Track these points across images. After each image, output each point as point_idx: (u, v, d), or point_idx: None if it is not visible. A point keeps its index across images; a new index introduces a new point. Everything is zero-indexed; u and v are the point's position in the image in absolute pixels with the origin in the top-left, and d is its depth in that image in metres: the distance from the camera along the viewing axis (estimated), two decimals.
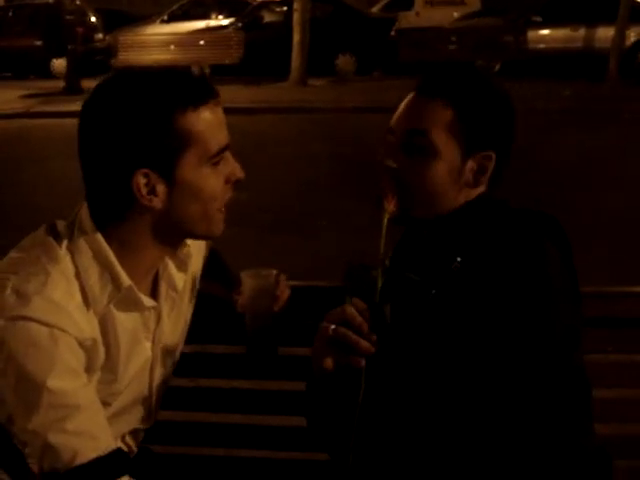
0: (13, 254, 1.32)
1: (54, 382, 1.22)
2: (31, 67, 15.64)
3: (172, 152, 1.26)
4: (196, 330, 1.60)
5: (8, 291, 1.23)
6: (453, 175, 1.39)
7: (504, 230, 1.36)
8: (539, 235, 1.35)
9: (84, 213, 1.32)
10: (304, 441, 1.65)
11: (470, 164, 1.40)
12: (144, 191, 1.26)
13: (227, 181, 1.33)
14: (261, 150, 8.14)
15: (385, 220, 1.30)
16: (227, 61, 14.38)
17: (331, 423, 1.36)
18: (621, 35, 13.20)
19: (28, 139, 10.16)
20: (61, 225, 1.34)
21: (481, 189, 1.44)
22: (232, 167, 1.33)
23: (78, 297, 1.28)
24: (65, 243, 1.30)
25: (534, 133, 9.10)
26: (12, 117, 11.72)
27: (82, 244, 1.30)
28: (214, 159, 1.29)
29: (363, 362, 1.23)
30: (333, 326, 1.25)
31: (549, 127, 9.38)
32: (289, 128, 10.23)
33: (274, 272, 1.57)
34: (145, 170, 1.25)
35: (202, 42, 14.75)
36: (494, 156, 1.41)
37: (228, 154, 1.33)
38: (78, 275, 1.29)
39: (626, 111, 10.31)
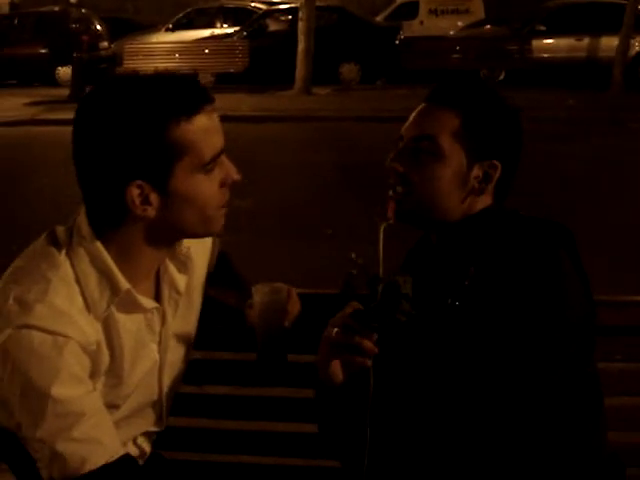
0: (16, 263, 1.33)
1: (59, 390, 1.22)
2: (36, 75, 15.67)
3: (166, 163, 1.25)
4: (205, 337, 1.59)
5: (10, 301, 1.24)
6: (458, 180, 1.42)
7: (518, 239, 1.38)
8: (554, 245, 1.35)
9: (82, 219, 1.33)
10: (313, 448, 1.65)
11: (476, 171, 1.42)
12: (138, 202, 1.26)
13: (222, 184, 1.32)
14: (265, 158, 8.16)
15: (382, 229, 1.30)
16: (232, 70, 14.43)
17: (341, 430, 1.36)
18: (625, 44, 13.23)
19: (33, 146, 10.17)
20: (60, 231, 1.34)
21: (487, 199, 1.45)
22: (227, 170, 1.32)
23: (80, 302, 1.28)
24: (64, 249, 1.31)
25: (538, 142, 9.09)
26: (17, 124, 11.74)
27: (80, 250, 1.30)
28: (208, 166, 1.29)
29: (369, 362, 1.24)
30: (336, 329, 1.26)
31: (553, 136, 9.37)
32: (293, 136, 10.25)
33: (285, 287, 1.55)
34: (139, 182, 1.25)
35: (207, 51, 14.81)
36: (499, 166, 1.43)
37: (223, 157, 1.32)
38: (78, 280, 1.29)
39: (630, 120, 10.32)
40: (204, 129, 1.27)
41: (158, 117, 1.23)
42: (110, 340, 1.33)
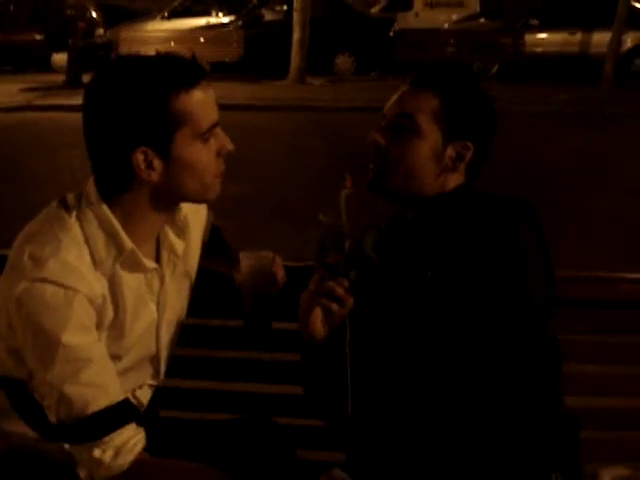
0: (29, 226, 1.47)
1: (68, 338, 1.35)
2: (31, 61, 15.71)
3: (167, 131, 1.39)
4: (197, 304, 1.72)
5: (25, 257, 1.38)
6: (433, 157, 1.55)
7: (484, 216, 1.52)
8: (516, 221, 1.50)
9: (91, 186, 1.47)
10: (299, 408, 1.80)
11: (450, 150, 1.55)
12: (143, 166, 1.40)
13: (218, 154, 1.46)
14: (259, 147, 8.26)
15: (342, 195, 1.44)
16: (227, 59, 14.51)
17: (325, 389, 1.50)
18: (617, 40, 13.34)
19: (29, 132, 10.24)
20: (70, 197, 1.49)
21: (459, 178, 1.58)
22: (222, 141, 1.46)
23: (88, 259, 1.42)
24: (74, 213, 1.45)
25: (529, 135, 9.25)
26: (13, 110, 11.79)
27: (89, 213, 1.44)
28: (205, 135, 1.42)
29: (343, 309, 1.40)
30: (313, 286, 1.42)
31: (544, 130, 9.52)
32: (287, 126, 10.35)
33: (271, 254, 1.69)
34: (143, 148, 1.39)
35: (202, 39, 14.88)
36: (472, 147, 1.56)
37: (218, 129, 1.46)
38: (87, 241, 1.43)
39: (620, 115, 10.45)
40: (201, 101, 1.41)
41: (160, 89, 1.38)
42: (114, 296, 1.46)
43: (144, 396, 1.63)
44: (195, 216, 1.63)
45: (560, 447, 1.49)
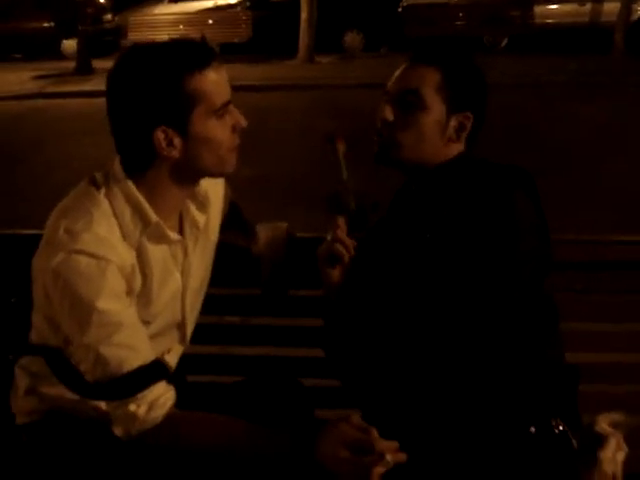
0: (62, 203, 1.58)
1: (102, 304, 1.47)
2: (41, 48, 15.81)
3: (185, 110, 1.50)
4: (218, 275, 1.83)
5: (61, 231, 1.50)
6: (439, 128, 1.66)
7: (483, 182, 1.62)
8: (511, 186, 1.60)
9: (117, 165, 1.58)
10: (316, 369, 1.94)
11: (453, 121, 1.67)
12: (164, 144, 1.51)
13: (233, 130, 1.57)
14: (269, 126, 8.34)
15: (341, 152, 1.68)
16: (236, 39, 14.56)
17: (343, 340, 1.63)
18: (627, 9, 13.28)
19: (41, 119, 10.36)
20: (98, 176, 1.60)
21: (460, 146, 1.69)
22: (236, 118, 1.58)
23: (117, 232, 1.54)
24: (103, 190, 1.56)
25: (540, 106, 9.28)
26: (25, 98, 11.92)
27: (116, 190, 1.56)
28: (219, 112, 1.53)
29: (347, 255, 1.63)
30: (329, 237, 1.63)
31: (555, 100, 9.55)
32: (297, 104, 10.42)
33: (285, 224, 1.84)
34: (163, 127, 1.50)
35: (211, 21, 14.93)
36: (472, 117, 1.67)
37: (232, 107, 1.57)
38: (115, 215, 1.55)
39: (631, 84, 10.45)
40: (214, 80, 1.52)
41: (176, 72, 1.49)
42: (142, 265, 1.58)
43: (172, 360, 1.74)
44: (214, 192, 1.75)
45: (560, 395, 1.59)
